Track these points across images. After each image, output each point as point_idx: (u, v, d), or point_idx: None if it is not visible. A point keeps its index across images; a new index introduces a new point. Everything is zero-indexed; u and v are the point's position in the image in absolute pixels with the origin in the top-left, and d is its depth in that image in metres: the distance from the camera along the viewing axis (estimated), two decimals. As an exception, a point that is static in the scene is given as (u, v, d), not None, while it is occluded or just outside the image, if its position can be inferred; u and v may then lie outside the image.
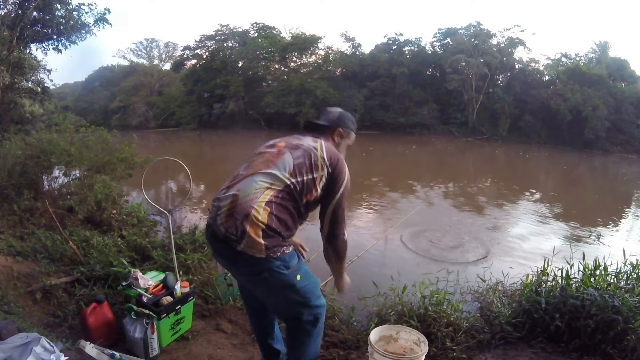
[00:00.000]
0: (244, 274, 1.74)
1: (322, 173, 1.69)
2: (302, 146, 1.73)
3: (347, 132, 1.95)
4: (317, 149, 1.72)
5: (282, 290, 1.67)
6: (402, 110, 27.31)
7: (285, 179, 1.63)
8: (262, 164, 1.69)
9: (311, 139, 1.78)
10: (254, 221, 1.55)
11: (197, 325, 2.71)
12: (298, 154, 1.69)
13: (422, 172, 15.02)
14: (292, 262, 1.65)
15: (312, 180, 1.67)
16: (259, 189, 1.60)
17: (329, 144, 1.80)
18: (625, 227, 8.31)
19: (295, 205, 1.65)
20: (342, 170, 1.73)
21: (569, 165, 19.19)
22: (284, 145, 1.76)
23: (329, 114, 1.96)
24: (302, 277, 1.68)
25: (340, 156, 1.77)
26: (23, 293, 2.75)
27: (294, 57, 28.92)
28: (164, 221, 4.78)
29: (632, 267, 2.86)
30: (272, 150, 1.76)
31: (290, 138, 1.83)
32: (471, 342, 2.52)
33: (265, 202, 1.58)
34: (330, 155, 1.72)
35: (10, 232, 4.01)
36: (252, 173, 1.67)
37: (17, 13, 9.39)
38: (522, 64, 27.67)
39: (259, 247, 1.55)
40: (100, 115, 28.59)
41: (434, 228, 6.67)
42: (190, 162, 11.26)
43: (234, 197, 1.61)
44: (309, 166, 1.67)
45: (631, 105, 23.91)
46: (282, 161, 1.67)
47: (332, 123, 1.92)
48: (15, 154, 4.87)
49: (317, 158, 1.69)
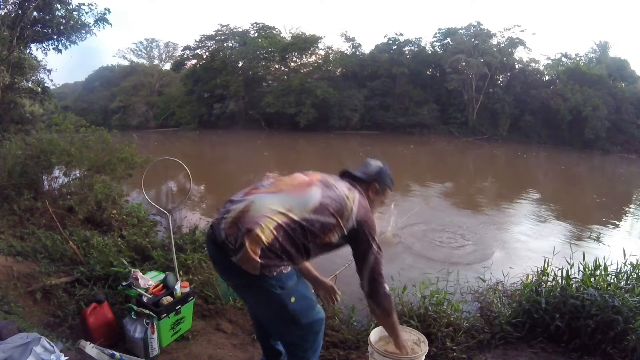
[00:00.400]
0: (234, 284, 1.69)
1: (344, 224, 1.60)
2: (335, 189, 1.65)
3: (383, 189, 1.85)
4: (349, 199, 1.64)
5: (271, 307, 1.61)
6: (402, 110, 27.30)
7: (305, 212, 1.55)
8: (288, 186, 1.63)
9: (346, 187, 1.70)
10: (255, 238, 1.48)
11: (197, 325, 2.71)
12: (328, 194, 1.61)
13: (422, 171, 15.02)
14: (288, 282, 1.57)
15: (332, 225, 1.58)
16: (274, 209, 1.53)
17: (362, 198, 1.70)
18: (625, 227, 8.31)
19: (304, 241, 1.57)
20: (370, 228, 1.65)
21: (567, 165, 19.20)
22: (318, 179, 1.68)
23: (369, 167, 1.86)
24: (296, 299, 1.60)
25: (370, 215, 1.68)
26: (23, 293, 2.76)
27: (294, 57, 28.89)
28: (164, 221, 4.77)
29: (632, 267, 2.86)
30: (304, 177, 1.70)
31: (327, 176, 1.75)
32: (471, 342, 2.52)
33: (275, 225, 1.51)
34: (360, 211, 1.63)
35: (11, 232, 4.01)
36: (274, 190, 1.62)
37: (17, 13, 9.39)
38: (522, 64, 27.65)
39: (253, 264, 1.49)
40: (100, 115, 28.57)
41: (433, 228, 6.67)
42: (190, 162, 11.23)
43: (246, 206, 1.55)
44: (333, 210, 1.58)
45: (631, 105, 23.90)
46: (309, 193, 1.60)
47: (370, 178, 1.82)
48: (15, 154, 4.87)
49: (346, 207, 1.61)
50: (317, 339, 1.75)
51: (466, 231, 6.70)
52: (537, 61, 28.03)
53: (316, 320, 1.71)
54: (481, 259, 5.42)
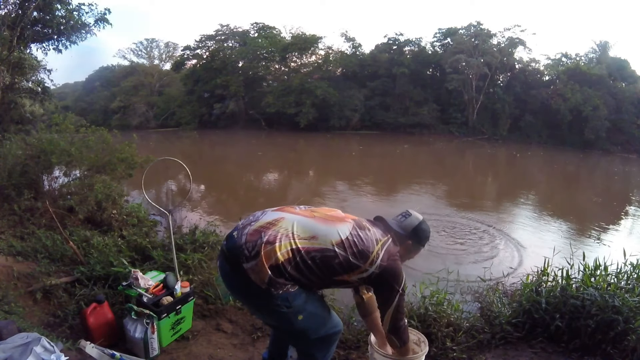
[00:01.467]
0: (238, 294, 1.68)
1: (367, 268, 1.56)
2: (367, 231, 1.62)
3: (416, 248, 1.82)
4: (379, 244, 1.60)
5: (279, 322, 1.62)
6: (402, 110, 27.28)
7: (328, 243, 1.53)
8: (321, 215, 1.62)
9: (381, 233, 1.66)
10: (271, 253, 1.47)
11: (197, 325, 2.71)
12: (357, 233, 1.58)
13: (420, 171, 15.03)
14: (295, 302, 1.54)
15: (351, 264, 1.54)
16: (302, 233, 1.52)
17: (394, 246, 1.66)
18: (625, 227, 8.31)
19: (322, 273, 1.54)
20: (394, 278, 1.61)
21: (564, 165, 19.17)
22: (353, 218, 1.67)
23: (406, 222, 1.78)
24: (304, 317, 1.58)
25: (397, 264, 1.63)
26: (23, 293, 2.76)
27: (294, 57, 28.89)
28: (164, 221, 4.77)
29: (632, 267, 2.86)
30: (340, 214, 1.68)
31: (364, 219, 1.73)
32: (471, 342, 2.52)
33: (293, 247, 1.50)
34: (386, 258, 1.59)
35: (11, 232, 4.01)
36: (307, 215, 1.61)
37: (18, 13, 9.39)
38: (523, 64, 27.63)
39: (262, 276, 1.47)
40: (100, 115, 28.58)
41: (432, 229, 6.66)
42: (191, 162, 11.27)
43: (275, 220, 1.55)
44: (357, 251, 1.54)
45: (631, 105, 23.88)
46: (339, 226, 1.58)
47: (405, 233, 1.76)
48: (15, 154, 4.87)
49: (372, 252, 1.57)
50: (329, 348, 1.75)
51: (466, 231, 6.70)
52: (537, 61, 28.06)
53: (329, 335, 1.70)
54: (481, 258, 5.42)
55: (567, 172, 17.55)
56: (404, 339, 1.77)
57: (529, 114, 25.70)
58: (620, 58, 26.43)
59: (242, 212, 7.50)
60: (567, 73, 25.54)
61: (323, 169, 14.57)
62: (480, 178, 15.09)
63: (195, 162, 14.20)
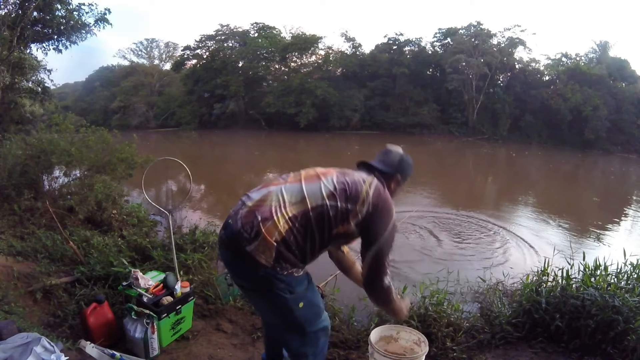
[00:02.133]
0: (243, 280, 1.64)
1: (360, 209, 1.55)
2: (352, 175, 1.63)
3: (404, 181, 1.80)
4: (366, 183, 1.60)
5: (278, 311, 1.60)
6: (403, 110, 27.28)
7: (320, 198, 1.52)
8: (306, 177, 1.62)
9: (364, 174, 1.67)
10: (272, 228, 1.46)
11: (197, 325, 2.71)
12: (343, 180, 1.59)
13: (418, 170, 15.03)
14: (298, 288, 1.55)
15: (348, 210, 1.54)
16: (291, 200, 1.52)
17: (380, 185, 1.65)
18: (625, 227, 8.31)
19: (320, 231, 1.53)
20: (386, 215, 1.59)
21: (562, 165, 19.16)
22: (335, 170, 1.67)
23: (389, 157, 1.78)
24: (304, 306, 1.58)
25: (389, 201, 1.63)
26: (23, 293, 2.76)
27: (294, 57, 28.90)
28: (164, 221, 4.78)
29: (632, 267, 2.86)
30: (321, 169, 1.68)
31: (345, 169, 1.72)
32: (471, 342, 2.53)
33: (290, 216, 1.49)
34: (377, 196, 1.59)
35: (11, 232, 4.01)
36: (292, 181, 1.60)
37: (18, 13, 9.39)
38: (523, 63, 27.62)
39: (268, 254, 1.46)
40: (100, 115, 28.58)
41: (431, 228, 6.67)
42: (191, 162, 11.24)
43: (264, 197, 1.54)
44: (349, 195, 1.54)
45: (631, 105, 23.87)
46: (324, 180, 1.58)
47: (392, 169, 1.75)
48: (15, 154, 4.87)
49: (362, 191, 1.56)
50: (321, 345, 1.74)
51: (466, 232, 6.70)
52: (538, 61, 28.04)
53: (321, 329, 1.70)
54: (481, 258, 5.42)
55: (565, 172, 17.54)
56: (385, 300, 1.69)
57: (529, 114, 25.69)
58: (620, 58, 26.46)
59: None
60: (567, 73, 25.55)
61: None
62: (478, 178, 15.10)
63: (195, 162, 14.18)
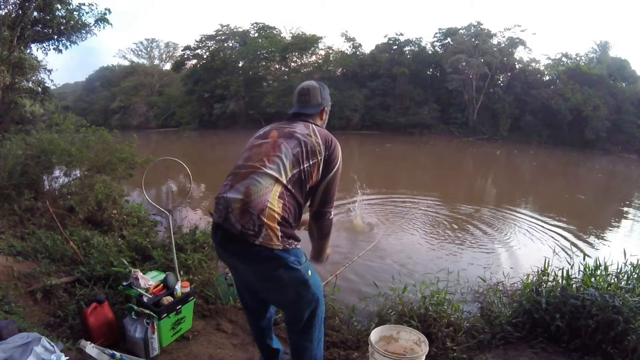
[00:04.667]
0: (258, 271, 1.71)
1: (319, 157, 1.70)
2: (295, 134, 1.73)
3: (329, 107, 1.99)
4: (311, 135, 1.73)
5: (296, 287, 1.69)
6: (403, 110, 27.30)
7: (289, 170, 1.65)
8: (263, 159, 1.68)
9: (303, 125, 1.78)
10: (271, 214, 1.57)
11: (197, 325, 2.71)
12: (294, 144, 1.69)
13: (416, 170, 15.03)
14: (302, 257, 1.69)
15: (311, 166, 1.69)
16: (268, 185, 1.62)
17: (319, 127, 1.82)
18: (625, 227, 8.30)
19: (300, 193, 1.68)
20: (336, 150, 1.76)
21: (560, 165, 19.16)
22: (277, 135, 1.75)
23: (312, 96, 1.92)
24: (312, 273, 1.72)
25: (333, 137, 1.79)
26: (24, 293, 2.76)
27: (295, 57, 28.94)
28: (164, 221, 4.77)
29: (632, 267, 2.86)
30: (266, 141, 1.75)
31: (282, 125, 1.82)
32: (471, 342, 2.52)
33: (278, 195, 1.61)
34: (325, 139, 1.74)
35: (11, 232, 4.01)
36: (255, 169, 1.66)
37: (18, 13, 9.38)
38: (523, 63, 27.65)
39: (276, 238, 1.57)
40: (100, 115, 28.64)
41: (430, 227, 6.67)
42: (191, 162, 11.25)
43: (246, 194, 1.60)
44: (306, 154, 1.68)
45: (632, 105, 23.90)
46: (281, 153, 1.67)
47: (319, 105, 1.92)
48: (15, 154, 4.86)
49: (314, 144, 1.71)
50: (322, 326, 1.85)
51: (466, 231, 6.70)
52: (538, 61, 28.10)
53: (322, 302, 1.81)
54: (481, 258, 5.41)
55: (563, 172, 17.54)
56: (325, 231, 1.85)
57: (529, 114, 25.71)
58: (621, 58, 26.51)
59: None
60: (567, 73, 25.56)
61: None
62: (477, 178, 15.07)
63: (195, 162, 14.19)
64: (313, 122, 1.83)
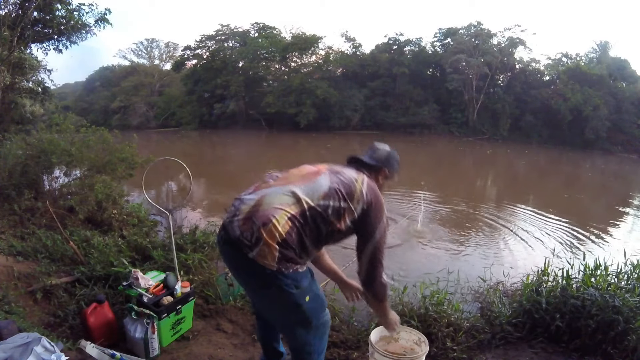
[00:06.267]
0: (248, 284, 1.67)
1: (355, 206, 1.60)
2: (343, 173, 1.66)
3: (392, 174, 1.87)
4: (358, 182, 1.64)
5: (285, 308, 1.61)
6: (403, 110, 27.29)
7: (315, 199, 1.56)
8: (297, 178, 1.64)
9: (354, 171, 1.71)
10: (272, 230, 1.47)
11: (197, 325, 2.71)
12: (336, 180, 1.62)
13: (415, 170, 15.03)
14: (303, 282, 1.57)
15: (342, 209, 1.58)
16: (286, 201, 1.54)
17: (371, 181, 1.71)
18: (625, 227, 8.30)
19: (317, 229, 1.57)
20: (379, 211, 1.65)
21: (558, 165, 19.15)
22: (326, 168, 1.70)
23: (377, 152, 1.86)
24: (310, 299, 1.61)
25: (380, 197, 1.69)
26: (24, 293, 2.76)
27: (295, 57, 28.89)
28: (164, 221, 4.78)
29: (632, 267, 2.86)
30: (311, 168, 1.71)
31: (333, 165, 1.76)
32: (472, 342, 2.52)
33: (289, 216, 1.51)
34: (369, 193, 1.64)
35: (11, 232, 4.00)
36: (284, 183, 1.61)
37: (18, 13, 9.37)
38: (523, 63, 27.63)
39: (271, 257, 1.47)
40: (100, 115, 28.62)
41: (430, 227, 6.67)
42: (191, 162, 11.23)
43: (258, 201, 1.55)
44: (343, 194, 1.58)
45: (632, 105, 23.89)
46: (318, 180, 1.61)
47: (380, 163, 1.83)
48: (15, 154, 4.87)
49: (356, 190, 1.61)
50: (323, 340, 1.78)
51: (465, 231, 6.70)
52: (538, 61, 28.07)
53: (324, 322, 1.73)
54: (481, 258, 5.41)
55: (563, 172, 17.52)
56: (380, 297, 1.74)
57: (530, 114, 25.71)
58: (621, 58, 26.50)
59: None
60: (567, 73, 25.54)
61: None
62: (477, 177, 15.08)
63: (195, 162, 14.18)
64: (367, 175, 1.73)
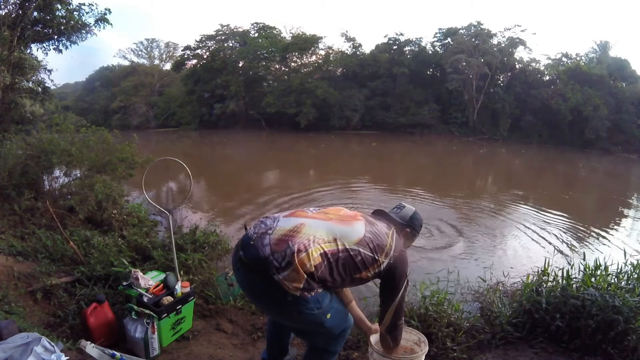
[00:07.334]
0: (267, 303, 1.68)
1: (383, 260, 1.66)
2: (376, 226, 1.72)
3: (413, 235, 1.94)
4: (389, 237, 1.71)
5: (307, 325, 1.66)
6: (403, 110, 27.29)
7: (351, 242, 1.60)
8: (337, 217, 1.69)
9: (385, 225, 1.77)
10: (304, 260, 1.50)
11: (197, 325, 2.72)
12: (371, 230, 1.68)
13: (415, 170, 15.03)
14: (324, 302, 1.61)
15: (372, 260, 1.63)
16: (323, 237, 1.58)
17: (399, 237, 1.79)
18: (626, 227, 8.30)
19: (344, 272, 1.61)
20: (404, 266, 1.72)
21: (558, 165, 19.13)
22: (361, 216, 1.75)
23: (403, 212, 1.93)
24: (332, 315, 1.66)
25: (405, 254, 1.76)
26: (24, 293, 2.76)
27: (295, 57, 28.90)
28: (164, 221, 4.78)
29: (632, 267, 2.86)
30: (348, 212, 1.76)
31: (365, 214, 1.83)
32: (472, 342, 2.52)
33: (322, 252, 1.55)
34: (396, 249, 1.71)
35: (11, 232, 4.01)
36: (324, 218, 1.67)
37: (18, 13, 9.37)
38: (523, 63, 27.64)
39: (297, 284, 1.50)
40: (100, 115, 28.64)
41: (431, 227, 6.66)
42: (191, 162, 11.26)
43: (297, 227, 1.58)
44: (375, 246, 1.64)
45: (632, 105, 23.90)
46: (355, 225, 1.67)
47: (405, 222, 1.90)
48: (16, 154, 4.87)
49: (386, 244, 1.67)
50: (343, 341, 1.87)
51: (465, 231, 6.70)
52: (538, 61, 28.08)
53: (346, 328, 1.80)
54: (481, 258, 5.41)
55: (562, 171, 17.52)
56: (399, 339, 1.83)
57: (530, 114, 25.71)
58: (621, 58, 26.50)
59: (243, 212, 7.52)
60: (567, 73, 25.55)
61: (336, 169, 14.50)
62: (477, 177, 15.08)
63: (195, 162, 14.19)
64: (397, 230, 1.80)
